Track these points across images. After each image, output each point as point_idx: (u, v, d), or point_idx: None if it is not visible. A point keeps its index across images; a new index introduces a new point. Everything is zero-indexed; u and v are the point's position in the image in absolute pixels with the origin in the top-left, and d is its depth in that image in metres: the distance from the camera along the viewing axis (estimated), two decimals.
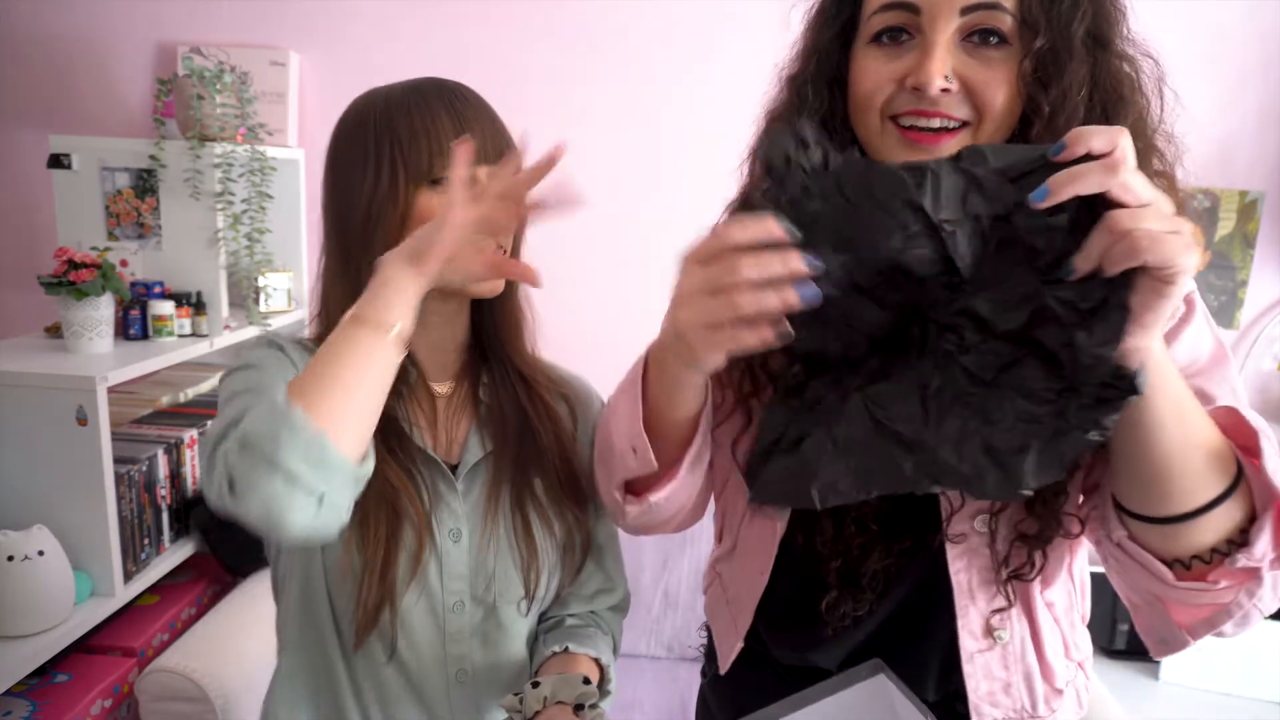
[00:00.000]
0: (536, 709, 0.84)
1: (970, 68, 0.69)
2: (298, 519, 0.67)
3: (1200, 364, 0.75)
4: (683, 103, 2.13)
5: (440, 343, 0.95)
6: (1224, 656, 1.91)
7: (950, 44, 0.68)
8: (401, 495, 0.88)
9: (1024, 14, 0.67)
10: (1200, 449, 0.65)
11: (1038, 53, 0.67)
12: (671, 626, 2.02)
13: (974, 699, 0.81)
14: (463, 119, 0.86)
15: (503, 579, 0.93)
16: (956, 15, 0.68)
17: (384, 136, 0.85)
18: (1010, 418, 0.62)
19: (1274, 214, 2.12)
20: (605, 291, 2.18)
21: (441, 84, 0.89)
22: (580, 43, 2.12)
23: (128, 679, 1.64)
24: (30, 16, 2.14)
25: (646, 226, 2.15)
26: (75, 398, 1.48)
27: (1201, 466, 0.65)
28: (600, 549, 1.02)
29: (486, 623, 0.94)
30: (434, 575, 0.90)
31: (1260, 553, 0.66)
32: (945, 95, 0.69)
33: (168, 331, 1.80)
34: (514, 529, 0.94)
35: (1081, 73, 0.67)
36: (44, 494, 1.52)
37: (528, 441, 0.96)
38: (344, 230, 0.89)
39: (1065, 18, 0.66)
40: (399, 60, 2.11)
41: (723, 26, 2.08)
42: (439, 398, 0.96)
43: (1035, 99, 0.68)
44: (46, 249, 1.92)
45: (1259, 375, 2.21)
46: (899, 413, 0.66)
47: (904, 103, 0.71)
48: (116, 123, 2.15)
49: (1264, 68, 2.05)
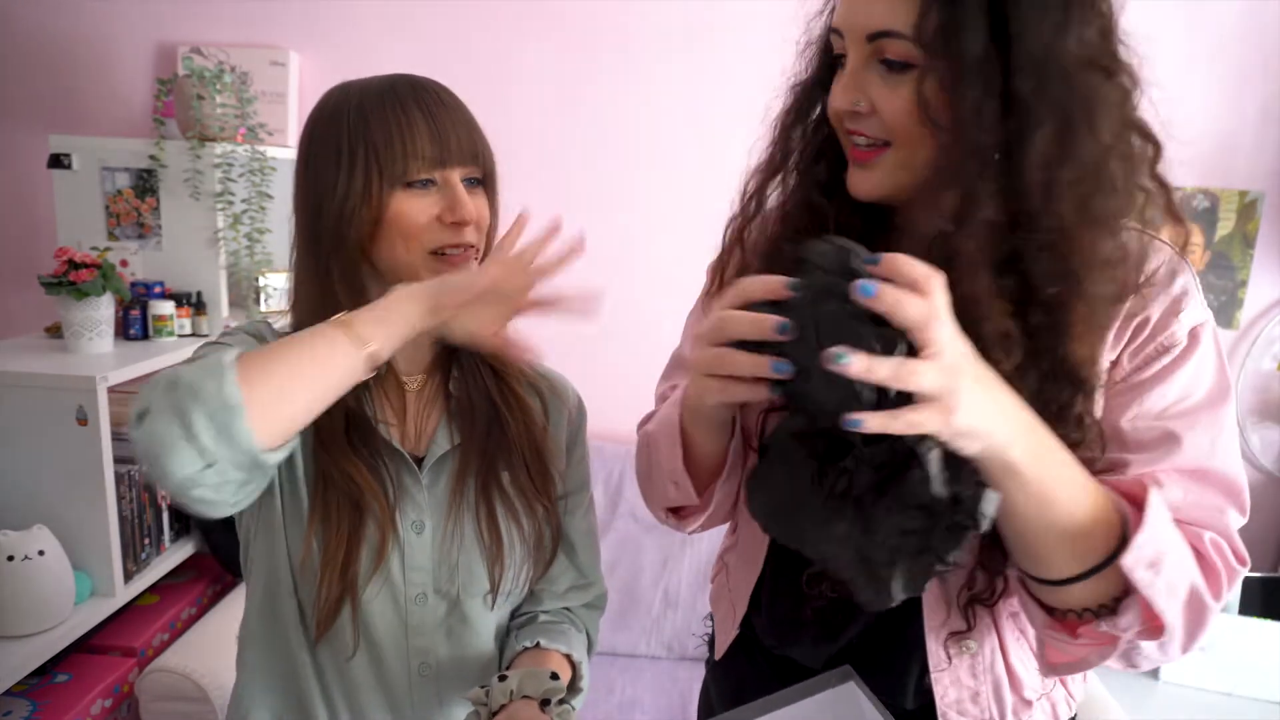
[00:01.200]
0: (503, 702, 0.83)
1: (879, 91, 0.71)
2: (176, 469, 0.67)
3: (1190, 403, 0.74)
4: (674, 102, 2.13)
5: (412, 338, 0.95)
6: (1224, 656, 1.91)
7: (862, 69, 0.72)
8: (364, 490, 0.87)
9: (918, 38, 0.67)
10: (1063, 533, 0.68)
11: (933, 75, 0.68)
12: (671, 626, 2.02)
13: (941, 706, 0.82)
14: (437, 120, 0.85)
15: (466, 572, 0.93)
16: (864, 42, 0.71)
17: (358, 137, 0.84)
18: (886, 530, 0.65)
19: (1274, 214, 2.12)
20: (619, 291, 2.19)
21: (416, 83, 0.88)
22: (580, 42, 2.12)
23: (128, 679, 1.64)
24: (31, 17, 2.14)
25: (629, 224, 2.16)
26: (75, 398, 1.48)
27: (1062, 548, 0.68)
28: (573, 545, 1.02)
29: (450, 616, 0.93)
30: (396, 567, 0.90)
31: (1125, 625, 0.69)
32: (861, 117, 0.73)
33: (168, 331, 1.80)
34: (479, 521, 0.93)
35: (976, 92, 0.66)
36: (44, 494, 1.52)
37: (495, 433, 0.95)
38: (316, 228, 0.88)
39: (958, 41, 0.66)
40: (399, 60, 2.10)
41: (724, 25, 2.08)
42: (409, 391, 0.96)
43: (943, 120, 0.69)
44: (46, 249, 1.92)
45: (1259, 375, 2.21)
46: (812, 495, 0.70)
47: (837, 114, 0.75)
48: (116, 123, 2.15)
49: (1264, 68, 2.05)
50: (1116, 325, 0.74)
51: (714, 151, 1.98)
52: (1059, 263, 0.68)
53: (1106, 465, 0.74)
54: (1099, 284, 0.69)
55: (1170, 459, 0.73)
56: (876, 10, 0.69)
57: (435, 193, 0.87)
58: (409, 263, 0.87)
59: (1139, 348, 0.74)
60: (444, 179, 0.87)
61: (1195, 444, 0.73)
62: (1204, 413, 0.74)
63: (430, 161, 0.85)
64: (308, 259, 0.91)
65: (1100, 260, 0.69)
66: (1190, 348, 0.74)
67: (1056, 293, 0.69)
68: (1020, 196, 0.68)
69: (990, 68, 0.66)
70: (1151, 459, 0.73)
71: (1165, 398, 0.74)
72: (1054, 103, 0.66)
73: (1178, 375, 0.74)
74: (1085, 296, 0.69)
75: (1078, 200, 0.68)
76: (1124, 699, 1.79)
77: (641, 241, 2.19)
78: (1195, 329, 0.74)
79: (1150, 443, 0.74)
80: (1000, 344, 0.68)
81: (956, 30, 0.66)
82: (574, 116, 2.13)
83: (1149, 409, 0.74)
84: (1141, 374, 0.74)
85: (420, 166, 0.84)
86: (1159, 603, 0.67)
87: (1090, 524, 0.68)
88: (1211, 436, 0.74)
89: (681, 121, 2.14)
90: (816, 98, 0.81)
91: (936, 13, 0.66)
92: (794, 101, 0.83)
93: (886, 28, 0.69)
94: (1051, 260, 0.68)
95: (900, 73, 0.70)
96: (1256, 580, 2.03)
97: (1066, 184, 0.67)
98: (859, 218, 0.81)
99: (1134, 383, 0.74)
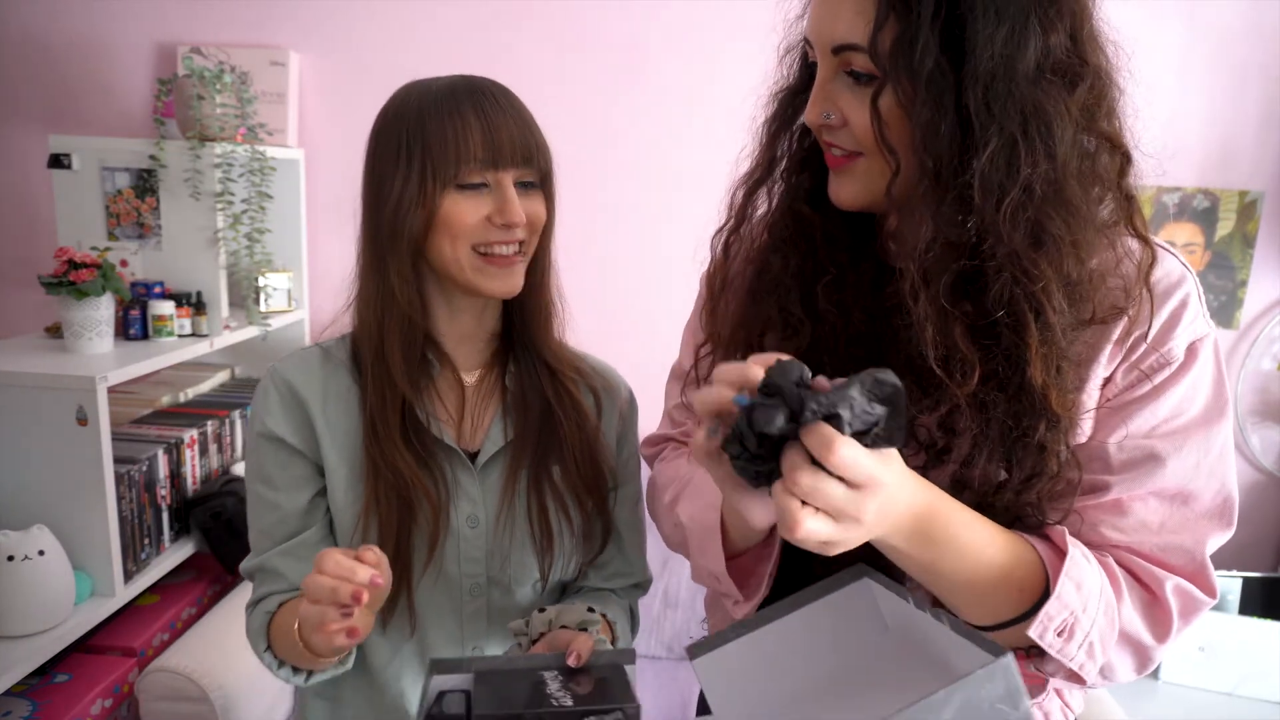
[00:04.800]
0: (542, 630, 0.88)
1: (848, 102, 0.70)
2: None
3: (1180, 421, 0.72)
4: (678, 102, 2.13)
5: (470, 334, 0.99)
6: (1224, 656, 1.91)
7: (830, 80, 0.71)
8: (411, 485, 0.91)
9: (872, 52, 0.66)
10: (964, 594, 0.69)
11: (889, 92, 0.66)
12: (671, 626, 2.02)
13: None
14: (491, 122, 0.88)
15: (518, 563, 0.97)
16: (831, 55, 0.70)
17: (415, 137, 0.88)
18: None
19: (1274, 214, 2.12)
20: (630, 283, 2.19)
21: (474, 85, 0.90)
22: (581, 42, 2.12)
23: (128, 679, 1.64)
24: (30, 17, 2.14)
25: (671, 223, 2.16)
26: (75, 398, 1.48)
27: (966, 606, 0.70)
28: (620, 536, 1.06)
29: (501, 604, 0.98)
30: (451, 561, 0.95)
31: (1050, 671, 0.70)
32: (830, 128, 0.72)
33: (168, 331, 1.80)
34: (530, 514, 0.97)
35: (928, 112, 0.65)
36: (44, 494, 1.52)
37: (548, 430, 0.99)
38: (376, 223, 0.92)
39: (910, 56, 0.64)
40: (399, 60, 2.11)
41: (726, 25, 2.08)
42: (467, 387, 0.99)
43: (897, 138, 0.68)
44: (46, 249, 1.92)
45: (1259, 375, 2.21)
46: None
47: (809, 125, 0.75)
48: (116, 123, 2.15)
49: (1264, 68, 2.04)
50: (1111, 344, 0.71)
51: (716, 152, 1.98)
52: (1016, 287, 0.66)
53: (1089, 487, 0.73)
54: (1057, 311, 0.66)
55: (1151, 481, 0.72)
56: (839, 23, 0.68)
57: (487, 194, 0.89)
58: (454, 259, 0.90)
59: (1134, 364, 0.72)
60: (496, 181, 0.89)
61: (1180, 465, 0.71)
62: (1195, 432, 0.72)
63: (482, 163, 0.87)
64: (368, 254, 0.94)
65: (1061, 285, 0.67)
66: (1187, 364, 0.72)
67: (1013, 317, 0.67)
68: (968, 219, 0.66)
69: (944, 84, 0.64)
70: (1132, 481, 0.72)
71: (1156, 415, 0.72)
72: (1002, 120, 0.64)
73: (1170, 393, 0.72)
74: (1042, 323, 0.67)
75: (1030, 224, 0.65)
76: (1124, 699, 1.78)
77: (650, 239, 2.19)
78: (1194, 344, 0.72)
79: (1131, 464, 0.72)
80: (956, 366, 0.67)
81: (908, 45, 0.64)
82: (576, 116, 2.13)
83: (1137, 428, 0.72)
84: (1134, 391, 0.72)
85: (472, 169, 0.87)
86: (1073, 664, 0.69)
87: (993, 586, 0.68)
88: (1199, 457, 0.72)
89: (688, 120, 2.13)
90: (799, 105, 0.79)
91: (891, 27, 0.65)
92: (777, 109, 0.82)
93: (848, 40, 0.67)
94: (1008, 284, 0.66)
95: (867, 85, 0.68)
96: (1256, 580, 2.03)
97: (1016, 206, 0.65)
98: (845, 226, 0.80)
99: (1126, 400, 0.72)
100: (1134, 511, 0.72)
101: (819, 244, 0.80)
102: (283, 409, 0.94)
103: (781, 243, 0.81)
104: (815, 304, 0.79)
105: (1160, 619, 0.72)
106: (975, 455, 0.71)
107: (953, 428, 0.73)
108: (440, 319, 0.97)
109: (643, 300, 2.17)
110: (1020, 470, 0.70)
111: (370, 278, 0.93)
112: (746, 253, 0.86)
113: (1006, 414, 0.69)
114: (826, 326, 0.78)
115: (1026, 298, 0.66)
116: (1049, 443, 0.69)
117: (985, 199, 0.65)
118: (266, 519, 0.95)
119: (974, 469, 0.71)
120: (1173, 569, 0.72)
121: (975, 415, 0.69)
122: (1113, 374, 0.73)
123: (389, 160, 0.89)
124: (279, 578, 0.94)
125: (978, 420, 0.69)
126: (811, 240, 0.80)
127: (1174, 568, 0.72)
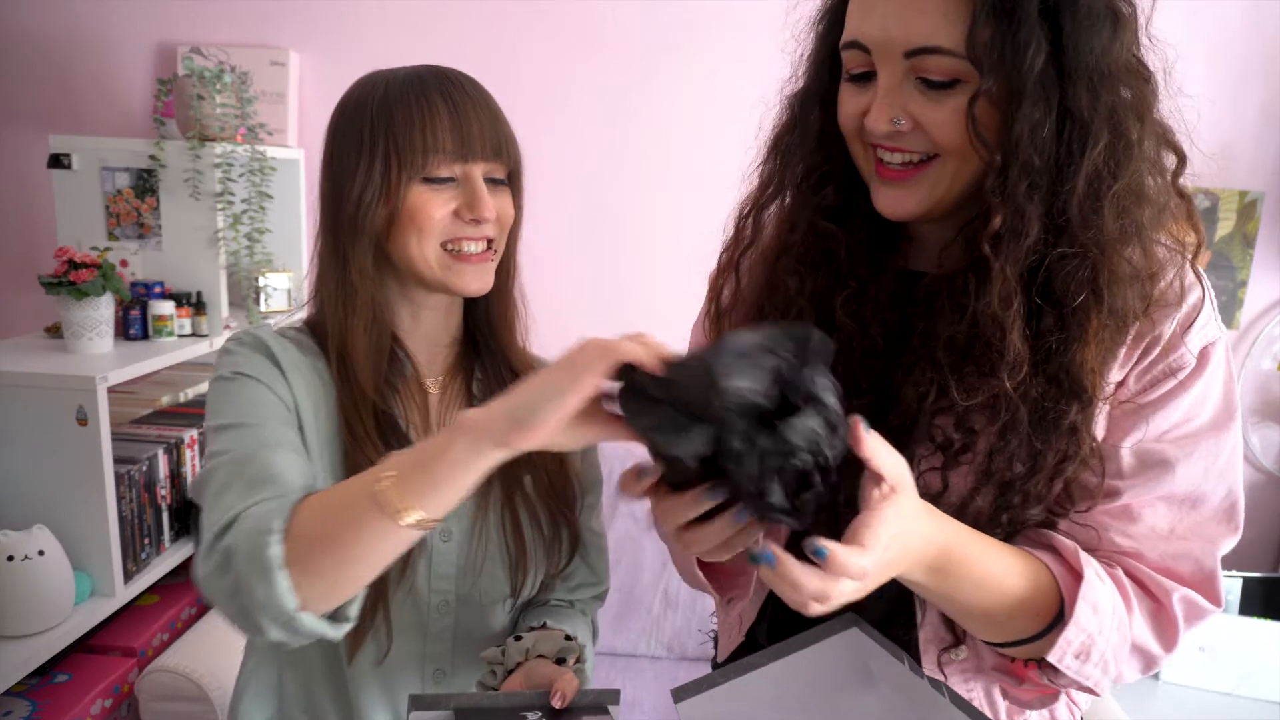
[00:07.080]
0: (519, 660, 0.84)
1: (922, 106, 0.68)
2: (265, 638, 0.70)
3: (1191, 427, 0.72)
4: (678, 102, 2.13)
5: (434, 337, 0.95)
6: (1224, 656, 1.91)
7: (898, 85, 0.68)
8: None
9: (969, 54, 0.64)
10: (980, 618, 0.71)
11: (985, 93, 0.65)
12: (671, 626, 2.02)
13: None
14: (461, 113, 0.84)
15: (489, 578, 0.92)
16: (901, 59, 0.67)
17: (380, 127, 0.83)
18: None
19: (1274, 214, 2.12)
20: (595, 287, 2.19)
21: (442, 74, 0.87)
22: (583, 41, 2.12)
23: (128, 679, 1.64)
24: (30, 17, 2.13)
25: (638, 223, 2.16)
26: (75, 398, 1.48)
27: (982, 629, 0.72)
28: (585, 545, 1.02)
29: (468, 622, 0.93)
30: (422, 576, 0.90)
31: (1063, 684, 0.72)
32: (900, 133, 0.69)
33: (168, 331, 1.80)
34: (504, 526, 0.93)
35: (1037, 112, 0.64)
36: (44, 494, 1.52)
37: None
38: (336, 217, 0.88)
39: (1016, 56, 0.63)
40: (398, 59, 2.10)
41: (721, 25, 2.08)
42: (430, 394, 0.95)
43: (992, 137, 0.66)
44: (46, 249, 1.92)
45: (1259, 375, 2.21)
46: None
47: (873, 134, 0.71)
48: (116, 123, 2.15)
49: (1264, 68, 2.04)
50: (1125, 347, 0.72)
51: (709, 151, 1.98)
52: (1091, 273, 0.67)
53: (1101, 491, 0.73)
54: (1120, 297, 0.68)
55: (1160, 486, 0.72)
56: (919, 26, 0.65)
57: (454, 189, 0.85)
58: (422, 256, 0.86)
59: (1147, 368, 0.72)
60: (464, 174, 0.85)
61: (1190, 470, 0.72)
62: (1205, 437, 0.72)
63: (451, 155, 0.83)
64: (328, 249, 0.90)
65: (1126, 274, 0.68)
66: (1199, 369, 0.71)
67: (1078, 305, 0.68)
68: (1062, 212, 0.66)
69: (1049, 83, 0.64)
70: (1142, 487, 0.72)
71: (1168, 420, 0.72)
72: (1107, 115, 0.65)
73: (1183, 398, 0.72)
74: (1105, 309, 0.68)
75: (1118, 213, 0.67)
76: (1124, 699, 1.79)
77: (650, 240, 2.19)
78: (1206, 348, 0.72)
79: (1142, 468, 0.72)
80: (1011, 365, 0.68)
81: (1013, 46, 0.63)
82: (579, 116, 2.13)
83: (1150, 433, 0.72)
84: (1147, 396, 0.72)
85: (440, 160, 0.83)
86: (1089, 681, 0.71)
87: (1010, 613, 0.70)
88: (1208, 462, 0.72)
89: (691, 120, 2.13)
90: (817, 111, 0.77)
91: (989, 27, 0.63)
92: (790, 116, 0.80)
93: (930, 44, 0.65)
94: (1080, 273, 0.67)
95: (946, 89, 0.67)
96: (1256, 580, 2.03)
97: (1112, 197, 0.66)
98: (869, 239, 0.78)
99: (1139, 404, 0.72)
100: (1144, 518, 0.73)
101: (841, 261, 0.78)
102: (265, 362, 0.86)
103: (798, 263, 0.79)
104: (831, 319, 0.77)
105: (1166, 628, 0.73)
106: (1003, 445, 0.71)
107: (970, 427, 0.73)
108: (403, 319, 0.92)
109: (651, 299, 2.17)
110: (1053, 454, 0.71)
111: (331, 271, 0.88)
112: (753, 269, 0.85)
113: (1044, 397, 0.70)
114: (843, 339, 0.77)
115: (1095, 287, 0.68)
116: (1080, 424, 0.70)
117: (1086, 191, 0.66)
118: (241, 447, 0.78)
119: (1000, 459, 0.72)
120: (1180, 578, 0.73)
121: (1008, 405, 0.69)
122: (1126, 377, 0.73)
123: (350, 150, 0.85)
124: (272, 482, 0.75)
125: (1008, 409, 0.70)
126: (834, 258, 0.78)
127: (1181, 577, 0.73)
